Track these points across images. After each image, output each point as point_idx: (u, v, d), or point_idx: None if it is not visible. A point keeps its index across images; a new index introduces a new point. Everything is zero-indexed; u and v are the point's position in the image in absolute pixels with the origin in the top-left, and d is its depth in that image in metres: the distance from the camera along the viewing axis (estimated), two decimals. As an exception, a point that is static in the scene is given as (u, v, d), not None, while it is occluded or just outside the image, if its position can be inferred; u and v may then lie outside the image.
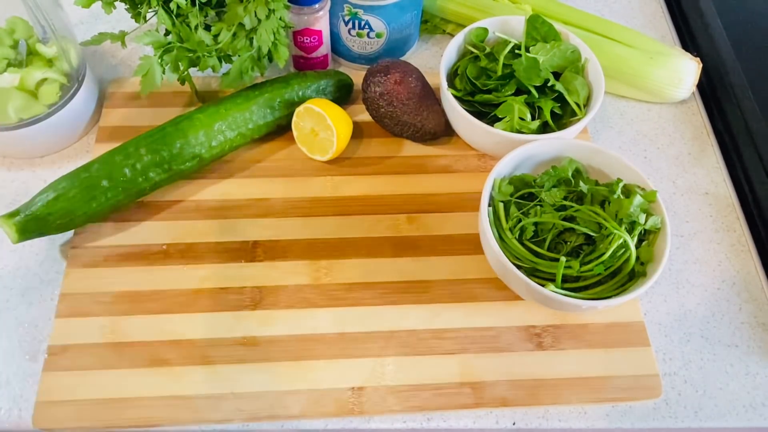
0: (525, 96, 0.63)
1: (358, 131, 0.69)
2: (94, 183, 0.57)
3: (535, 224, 0.55)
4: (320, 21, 0.67)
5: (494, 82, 0.64)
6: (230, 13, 0.60)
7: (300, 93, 0.66)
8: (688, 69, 0.71)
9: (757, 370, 0.57)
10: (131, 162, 0.58)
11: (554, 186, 0.57)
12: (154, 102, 0.69)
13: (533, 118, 0.62)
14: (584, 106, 0.64)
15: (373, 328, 0.56)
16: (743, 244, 0.64)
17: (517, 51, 0.65)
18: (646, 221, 0.54)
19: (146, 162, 0.59)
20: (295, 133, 0.66)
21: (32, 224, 0.56)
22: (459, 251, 0.61)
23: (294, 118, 0.65)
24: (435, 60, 0.77)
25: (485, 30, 0.67)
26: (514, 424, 0.53)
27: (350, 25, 0.69)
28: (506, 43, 0.65)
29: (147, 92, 0.60)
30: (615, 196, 0.55)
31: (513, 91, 0.63)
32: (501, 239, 0.55)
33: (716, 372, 0.57)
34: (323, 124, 0.63)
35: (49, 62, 0.62)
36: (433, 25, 0.79)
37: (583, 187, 0.56)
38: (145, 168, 0.59)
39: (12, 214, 0.56)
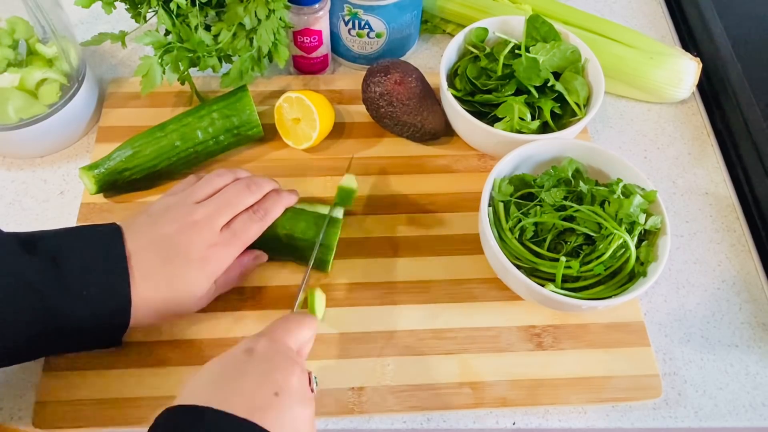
0: (525, 96, 0.63)
1: (358, 131, 0.69)
2: (168, 143, 0.60)
3: (535, 224, 0.55)
4: (320, 21, 0.67)
5: (494, 82, 0.64)
6: (230, 13, 0.60)
7: None
8: (688, 69, 0.71)
9: (757, 370, 0.57)
10: (204, 125, 0.61)
11: (554, 186, 0.57)
12: (154, 102, 0.68)
13: (533, 118, 0.62)
14: (584, 106, 0.64)
15: (373, 328, 0.56)
16: (743, 244, 0.64)
17: (517, 51, 0.65)
18: (646, 221, 0.54)
19: (218, 126, 0.62)
20: (275, 116, 0.65)
21: (109, 177, 0.60)
22: (459, 251, 0.61)
23: (281, 102, 0.64)
24: (435, 60, 0.77)
25: (485, 30, 0.67)
26: (514, 424, 0.53)
27: (350, 25, 0.69)
28: (506, 43, 0.65)
29: (147, 92, 0.60)
30: (615, 196, 0.54)
31: (513, 91, 0.63)
32: (501, 239, 0.55)
33: (716, 372, 0.57)
34: (309, 118, 0.63)
35: (49, 62, 0.62)
36: (433, 25, 0.79)
37: (583, 187, 0.56)
38: (217, 132, 0.62)
39: (92, 167, 0.60)
